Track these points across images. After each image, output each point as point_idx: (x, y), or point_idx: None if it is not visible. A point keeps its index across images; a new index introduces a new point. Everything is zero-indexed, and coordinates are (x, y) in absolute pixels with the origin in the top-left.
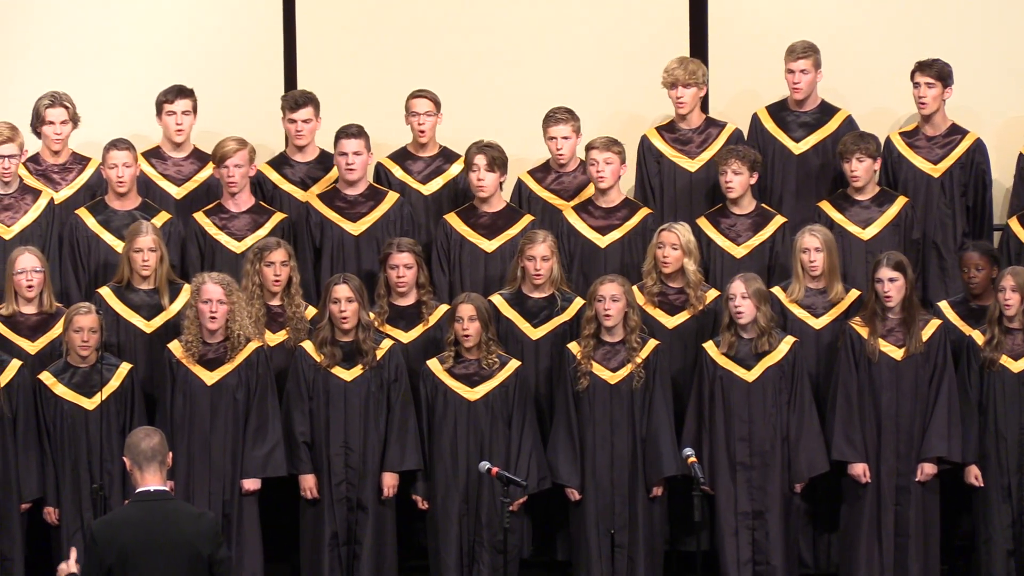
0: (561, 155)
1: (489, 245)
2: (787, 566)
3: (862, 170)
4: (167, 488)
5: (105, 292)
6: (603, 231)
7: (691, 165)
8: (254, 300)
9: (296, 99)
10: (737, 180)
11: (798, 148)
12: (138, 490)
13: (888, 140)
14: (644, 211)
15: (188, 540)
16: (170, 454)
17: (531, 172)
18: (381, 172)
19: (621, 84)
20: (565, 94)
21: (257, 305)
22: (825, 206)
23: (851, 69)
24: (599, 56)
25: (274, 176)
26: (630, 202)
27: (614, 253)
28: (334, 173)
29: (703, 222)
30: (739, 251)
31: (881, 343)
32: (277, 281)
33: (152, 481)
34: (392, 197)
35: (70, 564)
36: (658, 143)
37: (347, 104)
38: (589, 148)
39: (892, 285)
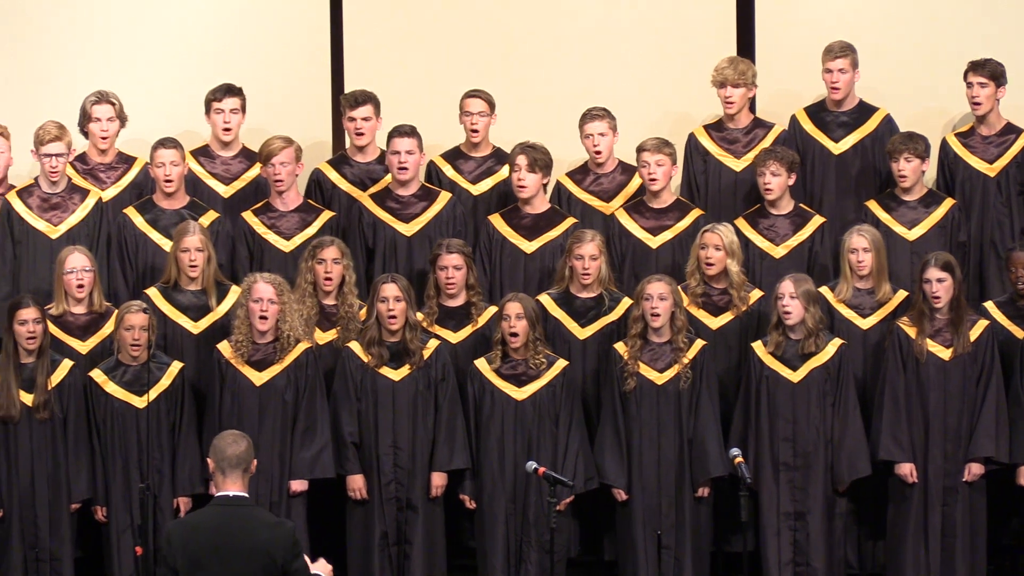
0: (598, 153)
1: (529, 246)
2: (828, 568)
3: (910, 170)
4: (247, 494)
5: (152, 293)
6: (654, 232)
7: (737, 165)
8: (306, 298)
9: (356, 98)
10: (775, 181)
11: (838, 148)
12: (217, 494)
13: (944, 142)
14: (696, 212)
15: (263, 548)
16: (255, 461)
17: (569, 174)
18: (432, 171)
19: (669, 84)
20: (613, 94)
21: (309, 303)
22: (872, 205)
23: (900, 69)
24: (648, 56)
25: (333, 175)
26: (682, 203)
27: (665, 254)
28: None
29: (742, 223)
30: (778, 251)
31: (929, 343)
32: (329, 279)
33: (232, 487)
34: (444, 197)
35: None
36: (705, 142)
37: (395, 103)
38: (640, 150)
39: (940, 286)
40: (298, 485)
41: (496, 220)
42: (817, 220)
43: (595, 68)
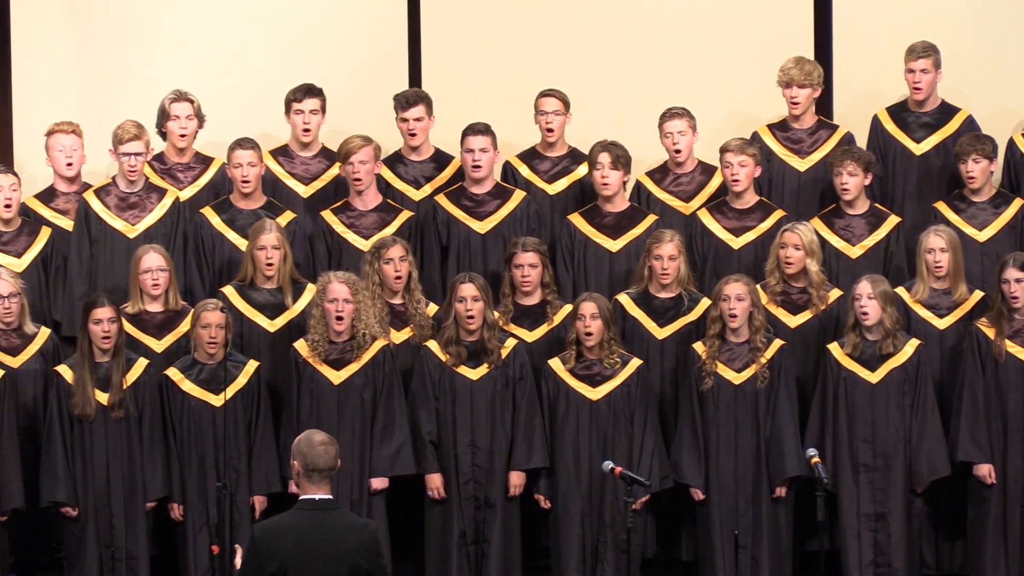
0: (678, 152)
1: (614, 245)
2: (909, 568)
3: (978, 171)
4: (331, 496)
5: (228, 291)
6: (737, 232)
7: (801, 165)
8: (375, 299)
9: (407, 98)
10: (852, 181)
11: (919, 149)
12: (302, 497)
13: (1011, 141)
14: (778, 213)
15: (349, 551)
16: (339, 462)
17: (649, 174)
18: (508, 171)
19: (746, 85)
20: (688, 94)
21: (379, 304)
22: (941, 207)
23: (974, 69)
24: (724, 57)
25: (387, 174)
26: (764, 204)
27: (747, 255)
28: (450, 171)
29: (817, 223)
30: (855, 251)
31: (1008, 344)
32: (399, 278)
33: (318, 491)
34: (519, 195)
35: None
36: (769, 141)
37: (471, 103)
38: (724, 150)
39: (1019, 286)
40: (378, 483)
41: (577, 220)
42: (893, 220)
43: (671, 68)
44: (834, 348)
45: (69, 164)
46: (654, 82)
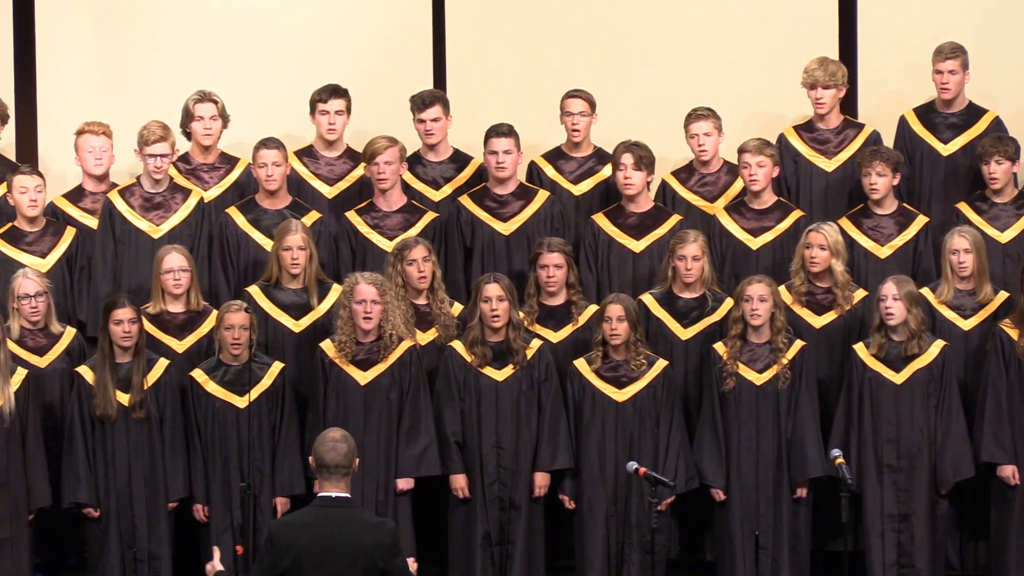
0: (703, 152)
1: (637, 245)
2: (932, 569)
3: (1000, 172)
4: (348, 494)
5: (253, 291)
6: (755, 233)
7: (828, 165)
8: (399, 300)
9: (424, 99)
10: (881, 181)
11: (946, 149)
12: (320, 495)
13: None
14: (797, 213)
15: (365, 548)
16: (357, 460)
17: (675, 173)
18: (534, 171)
19: (770, 86)
20: (712, 94)
21: (404, 305)
22: (963, 208)
23: (1000, 70)
24: (749, 57)
25: (407, 175)
26: (783, 204)
27: (766, 255)
28: (468, 172)
29: (845, 223)
30: (883, 251)
31: None
32: (422, 278)
33: (334, 488)
34: (543, 195)
35: (215, 564)
36: (795, 142)
37: (496, 103)
38: (742, 151)
39: None
40: (404, 483)
41: (601, 220)
42: (921, 220)
43: (696, 68)
44: (859, 349)
45: (98, 164)
46: (679, 82)
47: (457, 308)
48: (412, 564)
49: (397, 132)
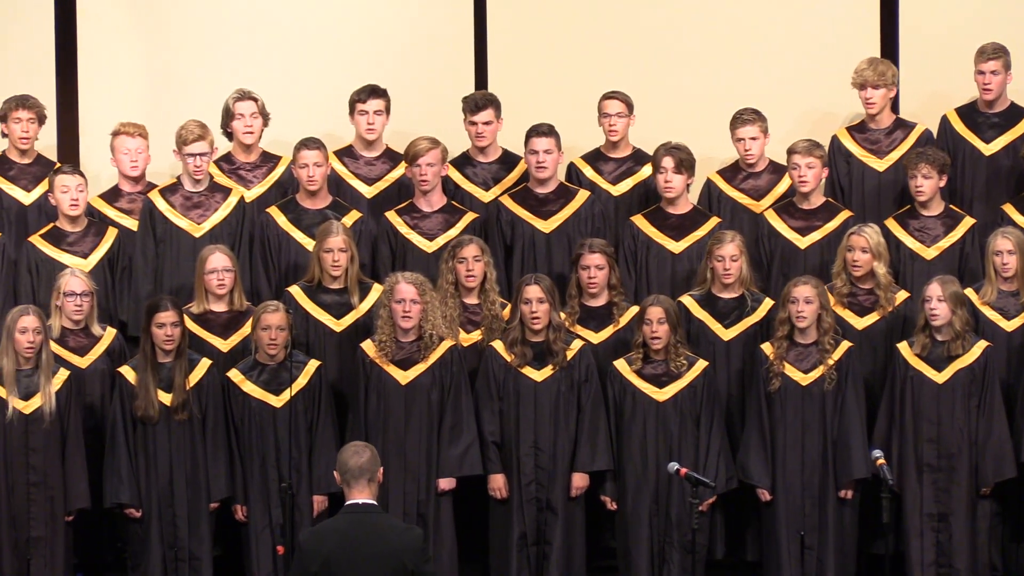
0: (750, 156)
1: (676, 246)
2: (971, 570)
3: None
4: (375, 502)
5: (295, 291)
6: (803, 233)
7: (880, 165)
8: (448, 299)
9: (477, 101)
10: (927, 183)
11: (988, 149)
12: (347, 503)
13: None
14: (845, 213)
15: (394, 553)
16: (381, 469)
17: (720, 172)
18: (573, 172)
19: (811, 84)
20: (755, 94)
21: (452, 304)
22: (1009, 209)
23: None
24: (790, 56)
25: (456, 176)
26: (831, 204)
27: (814, 255)
28: (517, 173)
29: (892, 224)
30: (930, 253)
31: None
32: (471, 277)
33: (360, 496)
34: (583, 195)
35: None
36: (848, 143)
37: (537, 104)
38: (791, 152)
39: None
40: (446, 483)
41: (640, 221)
42: (968, 221)
43: (737, 67)
44: (903, 347)
45: (134, 166)
46: (721, 81)
47: (508, 311)
48: None
49: (438, 132)
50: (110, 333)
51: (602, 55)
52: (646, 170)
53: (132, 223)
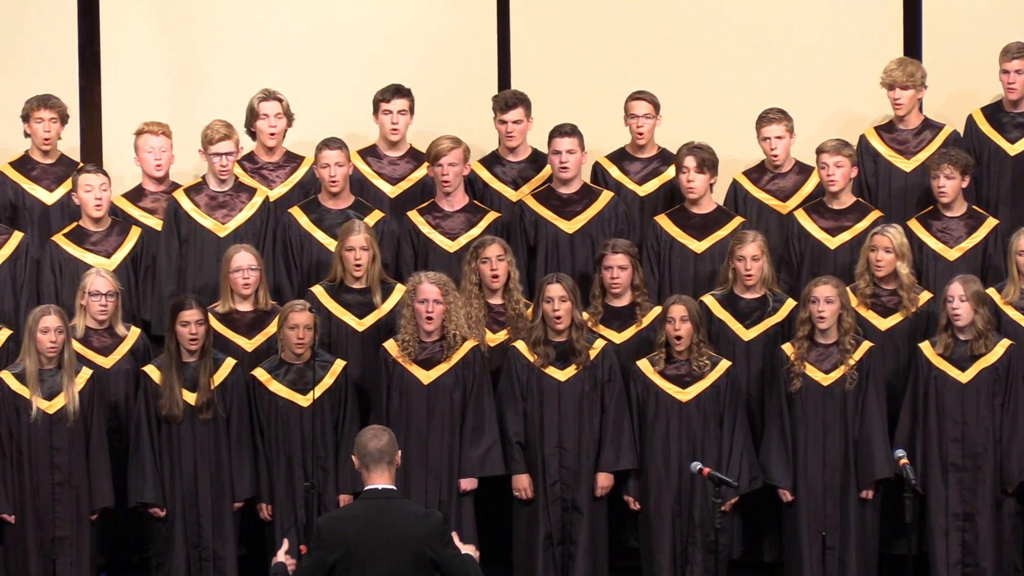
0: (775, 155)
1: (699, 246)
2: (997, 569)
3: None
4: (394, 487)
5: (317, 290)
6: (832, 232)
7: (907, 166)
8: (472, 300)
9: (507, 100)
10: (950, 184)
11: (1013, 149)
12: (365, 488)
13: None
14: (875, 214)
15: (413, 539)
16: (399, 452)
17: (746, 173)
18: (598, 172)
19: (835, 84)
20: (781, 94)
21: (476, 304)
22: None
23: None
24: (814, 56)
25: (485, 175)
26: (861, 204)
27: (843, 255)
28: (546, 172)
29: (915, 224)
30: (952, 253)
31: None
32: (495, 277)
33: (379, 480)
34: (606, 196)
35: (280, 555)
36: (875, 143)
37: (561, 104)
38: (820, 152)
39: None
40: (467, 484)
41: (663, 220)
42: (991, 222)
43: (761, 67)
44: (926, 347)
45: (158, 165)
46: (746, 82)
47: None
48: (474, 551)
49: (461, 132)
50: (134, 333)
51: (626, 55)
52: (672, 170)
53: (156, 222)
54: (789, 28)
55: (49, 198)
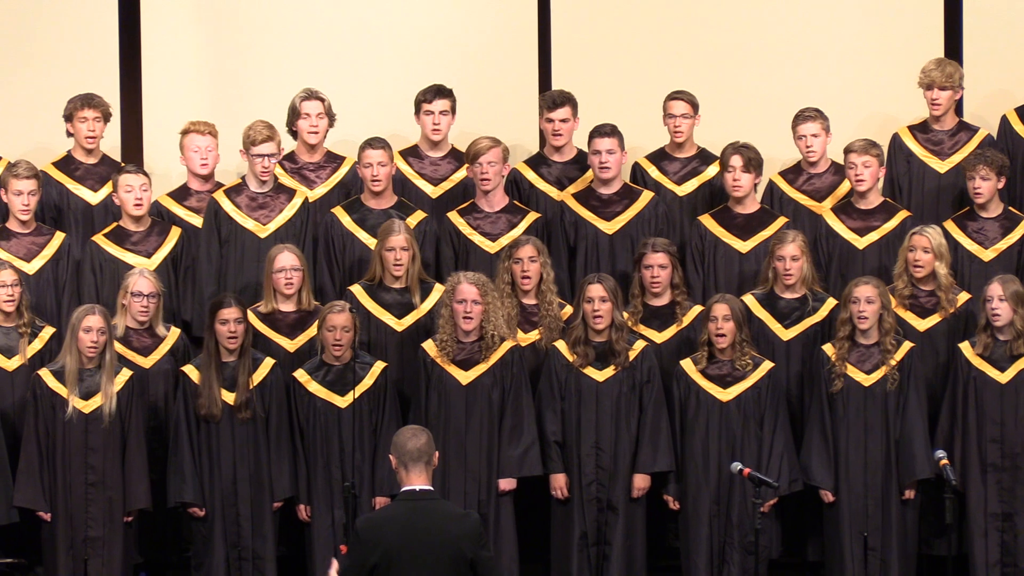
0: (811, 153)
1: (743, 246)
2: None
3: None
4: (431, 487)
5: (356, 290)
6: (861, 232)
7: (941, 167)
8: (505, 299)
9: (554, 98)
10: (985, 185)
11: None
12: (403, 488)
13: None
14: (903, 214)
15: (452, 540)
16: (436, 453)
17: (782, 173)
18: (637, 172)
19: (875, 84)
20: (819, 94)
21: (509, 303)
22: None
23: None
24: (854, 56)
25: (530, 175)
26: (889, 204)
27: (872, 255)
28: (590, 173)
29: (950, 225)
30: (987, 254)
31: None
32: (527, 277)
33: (417, 481)
34: (647, 196)
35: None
36: (909, 142)
37: (601, 104)
38: (848, 151)
39: None
40: (506, 484)
41: (707, 220)
42: None
43: (800, 68)
44: (965, 347)
45: (204, 164)
46: (784, 82)
47: (568, 311)
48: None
49: (502, 133)
50: (174, 333)
51: (666, 54)
52: (711, 170)
53: (201, 222)
54: (829, 29)
55: (93, 198)
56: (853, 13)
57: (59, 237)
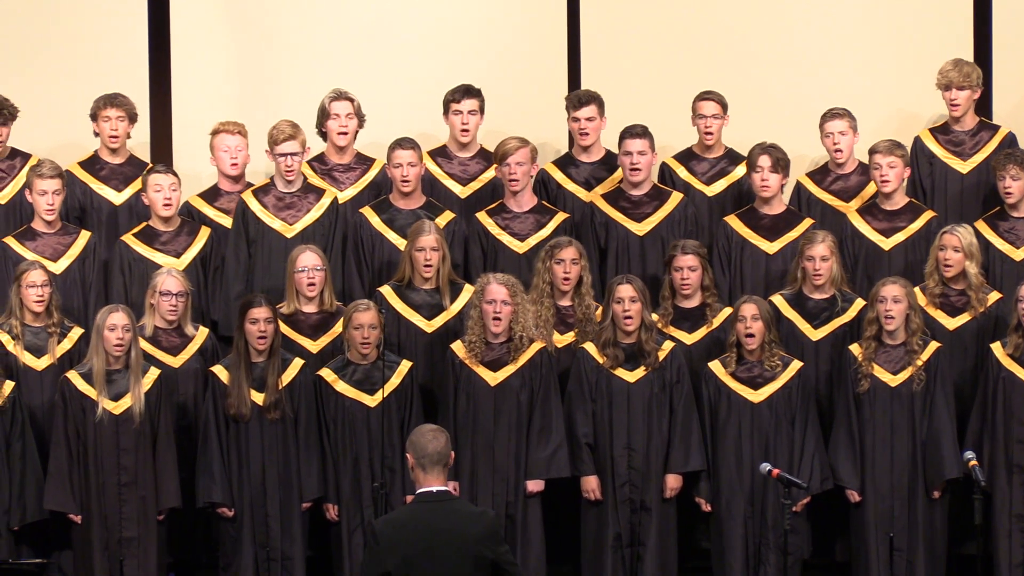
0: (839, 152)
1: (771, 247)
2: None
3: None
4: (449, 488)
5: (386, 291)
6: (887, 233)
7: (963, 167)
8: (544, 299)
9: (580, 98)
10: (1016, 185)
11: None
12: (420, 490)
13: None
14: (928, 214)
15: (471, 541)
16: (452, 454)
17: (810, 174)
18: (666, 172)
19: (903, 87)
20: (847, 96)
21: (547, 304)
22: None
23: None
24: (882, 58)
25: (558, 176)
26: (914, 205)
27: (898, 255)
28: (619, 174)
29: (981, 225)
30: (1019, 254)
31: None
32: (567, 280)
33: (435, 482)
34: (676, 197)
35: None
36: (931, 144)
37: (629, 104)
38: (872, 152)
39: None
40: (534, 485)
41: (734, 221)
42: None
43: (828, 69)
44: (996, 348)
45: (234, 164)
46: (812, 83)
47: (599, 313)
48: None
49: (531, 133)
50: (203, 333)
51: (695, 55)
52: (739, 170)
53: (231, 222)
54: (858, 30)
55: (117, 198)
56: (882, 15)
57: (85, 236)
